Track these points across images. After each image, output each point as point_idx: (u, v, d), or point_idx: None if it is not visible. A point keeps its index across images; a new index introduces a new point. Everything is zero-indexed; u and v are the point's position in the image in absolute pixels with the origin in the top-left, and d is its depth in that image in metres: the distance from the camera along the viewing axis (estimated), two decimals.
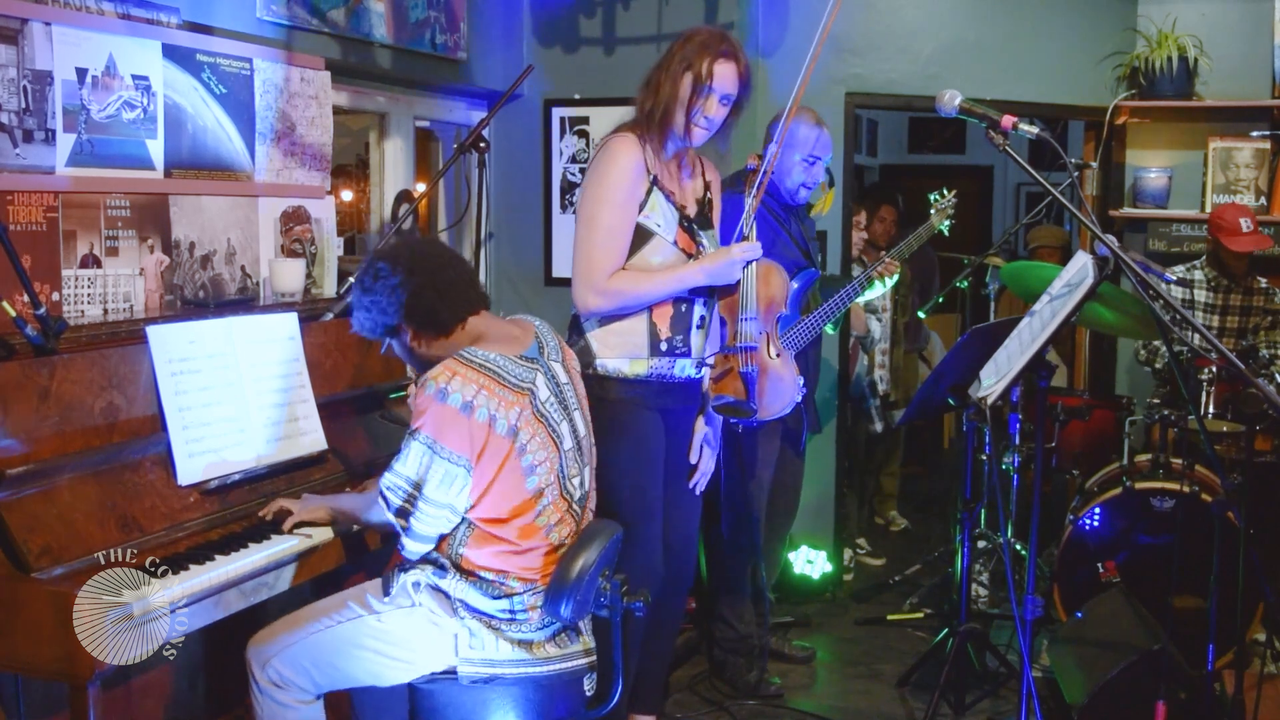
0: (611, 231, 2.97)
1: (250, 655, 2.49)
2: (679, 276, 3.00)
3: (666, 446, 3.14)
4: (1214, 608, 3.13)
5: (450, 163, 4.06)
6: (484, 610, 2.44)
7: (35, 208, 2.74)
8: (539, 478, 2.44)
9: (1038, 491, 3.03)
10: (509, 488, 2.40)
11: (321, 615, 2.51)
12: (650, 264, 3.00)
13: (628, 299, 2.98)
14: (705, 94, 2.95)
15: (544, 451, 2.45)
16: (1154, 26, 5.23)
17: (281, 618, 2.54)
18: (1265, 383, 3.86)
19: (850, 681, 4.13)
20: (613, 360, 3.02)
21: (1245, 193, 5.19)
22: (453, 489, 2.37)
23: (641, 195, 2.98)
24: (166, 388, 2.58)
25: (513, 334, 2.55)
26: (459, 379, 2.35)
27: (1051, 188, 2.63)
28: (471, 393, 2.34)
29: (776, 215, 3.84)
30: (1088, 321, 3.83)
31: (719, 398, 3.14)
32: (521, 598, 2.44)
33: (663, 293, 3.00)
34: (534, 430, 2.43)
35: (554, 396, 2.51)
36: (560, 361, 2.61)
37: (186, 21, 3.14)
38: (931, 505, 6.20)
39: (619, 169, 2.97)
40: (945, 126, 9.16)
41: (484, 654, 2.44)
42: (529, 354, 2.50)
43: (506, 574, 2.44)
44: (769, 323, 3.40)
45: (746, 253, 3.03)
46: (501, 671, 2.44)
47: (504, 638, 2.44)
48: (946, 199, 4.27)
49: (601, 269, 2.96)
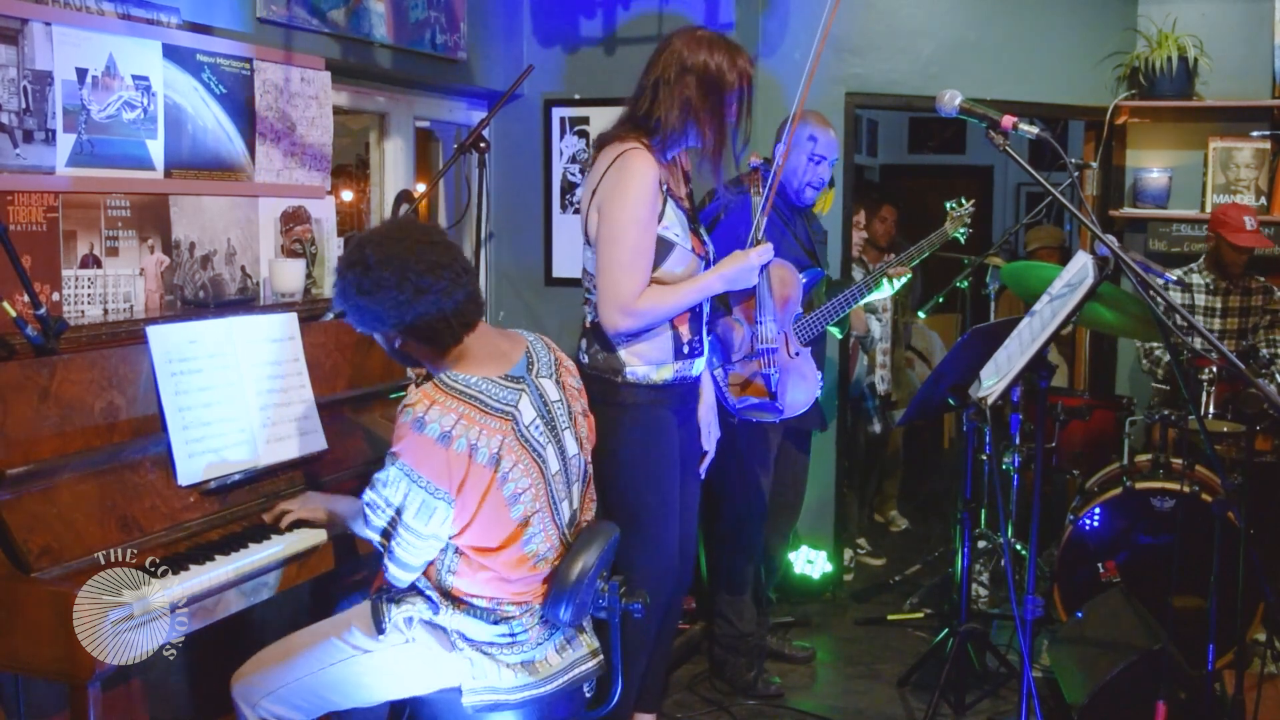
0: (638, 251, 2.92)
1: (237, 694, 2.42)
2: (699, 287, 3.00)
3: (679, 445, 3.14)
4: (1214, 608, 3.12)
5: (450, 163, 4.06)
6: (482, 639, 2.40)
7: (35, 208, 2.74)
8: (524, 506, 2.36)
9: (1038, 491, 3.03)
10: (493, 518, 2.33)
11: (310, 648, 2.43)
12: (675, 274, 2.99)
13: (658, 316, 2.96)
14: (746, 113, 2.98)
15: (528, 479, 2.36)
16: (1154, 26, 5.22)
17: (266, 649, 2.48)
18: (1265, 383, 3.86)
19: (850, 681, 4.13)
20: (641, 368, 3.00)
21: (1245, 193, 5.18)
22: (433, 520, 2.29)
23: (659, 208, 2.95)
24: (166, 388, 2.58)
25: (500, 350, 2.44)
26: (436, 408, 2.26)
27: (1052, 188, 2.63)
28: (450, 422, 2.25)
29: (782, 215, 3.85)
30: (1088, 321, 3.83)
31: (743, 400, 3.18)
32: (519, 620, 2.40)
33: (687, 304, 3.00)
34: (517, 457, 2.33)
35: (540, 418, 2.41)
36: (552, 377, 2.50)
37: (186, 21, 3.14)
38: (931, 505, 6.20)
39: (643, 186, 2.89)
40: (945, 126, 9.15)
41: (486, 683, 2.39)
42: (514, 373, 2.40)
43: (500, 600, 2.39)
44: (786, 322, 3.42)
45: (763, 256, 3.04)
46: (505, 698, 2.40)
47: (506, 665, 2.39)
48: (964, 208, 4.27)
49: (630, 291, 2.91)
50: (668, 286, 2.98)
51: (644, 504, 3.00)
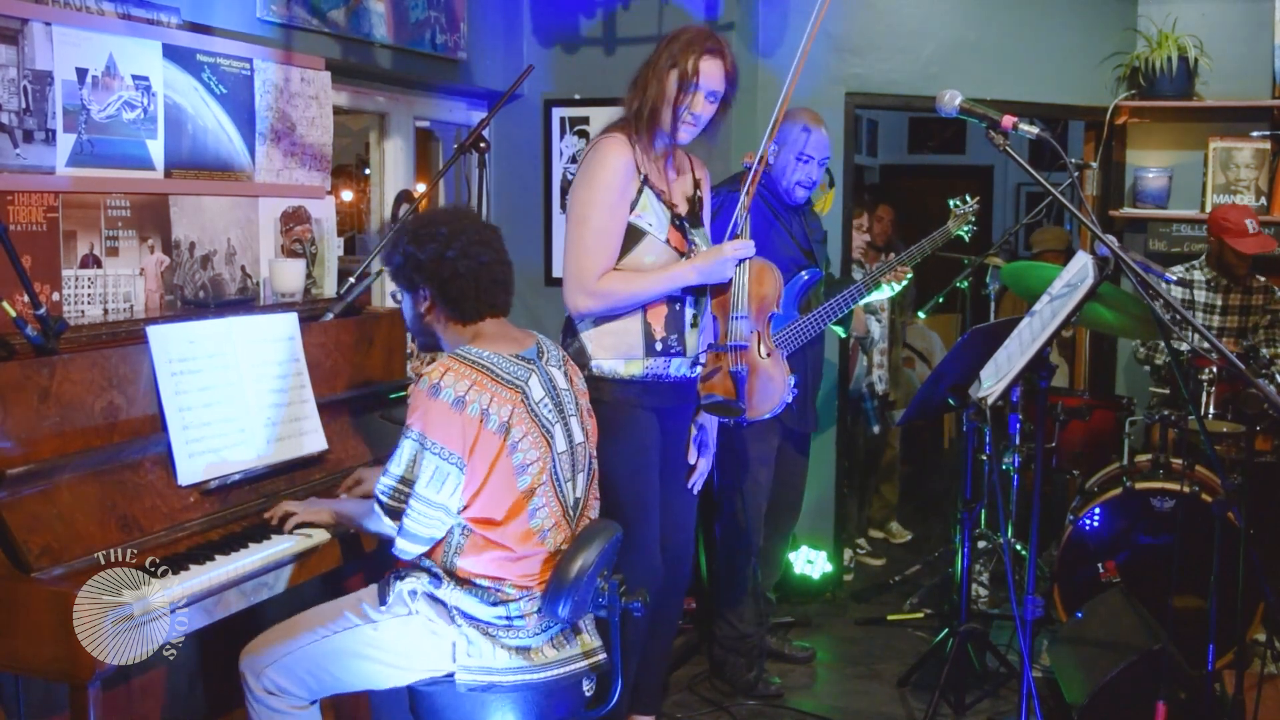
0: (601, 232, 2.97)
1: (244, 665, 2.47)
2: (670, 276, 3.00)
3: (663, 446, 3.14)
4: (1214, 608, 3.13)
5: (450, 163, 4.06)
6: (480, 617, 2.43)
7: (35, 208, 2.74)
8: (530, 477, 2.42)
9: (1038, 491, 3.03)
10: (501, 487, 2.39)
11: (316, 624, 2.49)
12: (643, 263, 3.00)
13: (619, 300, 2.98)
14: (692, 91, 2.97)
15: (536, 451, 2.43)
16: (1154, 26, 5.23)
17: (274, 626, 2.53)
18: (1265, 383, 3.86)
19: (850, 681, 4.13)
20: (608, 361, 3.03)
21: (1245, 193, 5.18)
22: (445, 487, 2.35)
23: (632, 195, 2.99)
24: (167, 388, 2.58)
25: (514, 336, 2.57)
26: (451, 374, 2.37)
27: (1052, 188, 2.63)
28: (464, 388, 2.36)
29: (775, 213, 3.84)
30: (1088, 321, 3.83)
31: (708, 396, 3.16)
32: (518, 604, 2.43)
33: (654, 292, 3.00)
34: (527, 428, 2.42)
35: (549, 398, 2.50)
36: (561, 369, 2.61)
37: (186, 21, 3.14)
38: (931, 506, 6.20)
39: (609, 170, 2.97)
40: (945, 126, 9.16)
41: (481, 662, 2.42)
42: (526, 354, 2.51)
43: (503, 581, 2.43)
44: (760, 322, 3.41)
45: (738, 251, 3.03)
46: (499, 679, 2.42)
47: (501, 645, 2.42)
48: (968, 205, 4.22)
49: (591, 270, 2.96)
50: (634, 272, 2.99)
51: (616, 502, 2.99)
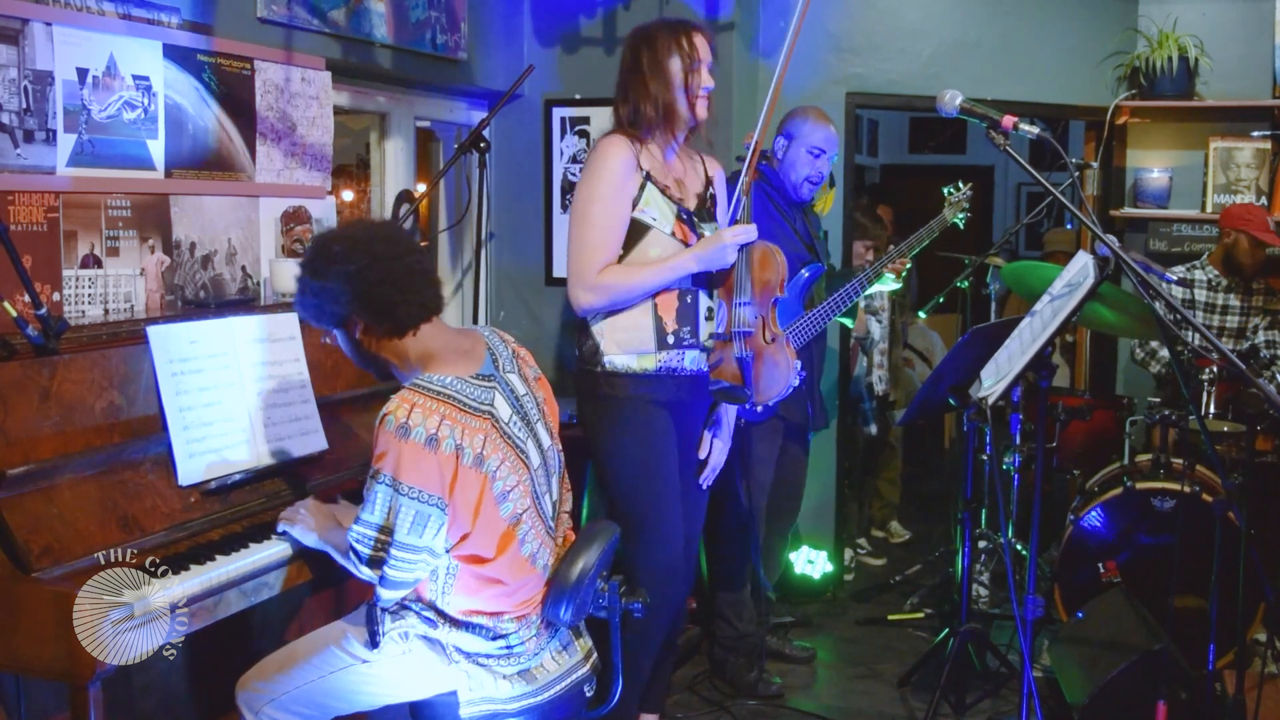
0: (600, 228, 2.97)
1: (241, 701, 2.43)
2: (671, 265, 3.00)
3: (678, 441, 3.13)
4: (1215, 608, 3.12)
5: (451, 163, 4.06)
6: (479, 652, 2.38)
7: (36, 208, 2.74)
8: (513, 503, 2.34)
9: (1038, 491, 3.03)
10: (488, 524, 2.31)
11: (310, 656, 2.43)
12: (649, 256, 3.01)
13: (621, 292, 2.98)
14: (697, 68, 3.02)
15: (515, 475, 2.35)
16: (1154, 26, 5.23)
17: (268, 658, 2.48)
18: (1266, 383, 3.86)
19: (850, 681, 4.13)
20: (620, 357, 3.02)
21: (1246, 193, 5.18)
22: (428, 531, 2.23)
23: (634, 191, 2.99)
24: (167, 388, 2.58)
25: (463, 348, 2.40)
26: (419, 411, 2.21)
27: (1052, 188, 2.63)
28: (435, 424, 2.21)
29: (780, 209, 3.85)
30: (1088, 321, 3.83)
31: (715, 383, 3.16)
32: (517, 634, 2.39)
33: (656, 282, 3.00)
34: (503, 455, 2.32)
35: (515, 414, 2.39)
36: (515, 371, 2.47)
37: (187, 21, 3.14)
38: (931, 506, 6.20)
39: (607, 167, 2.99)
40: (946, 126, 9.16)
41: (484, 694, 2.39)
42: (484, 371, 2.37)
43: (501, 615, 2.37)
44: (765, 307, 3.40)
45: (739, 236, 3.02)
46: (504, 708, 2.39)
47: (503, 676, 2.38)
48: (961, 191, 4.22)
49: (591, 265, 2.96)
50: (636, 265, 2.99)
51: (639, 501, 2.99)
